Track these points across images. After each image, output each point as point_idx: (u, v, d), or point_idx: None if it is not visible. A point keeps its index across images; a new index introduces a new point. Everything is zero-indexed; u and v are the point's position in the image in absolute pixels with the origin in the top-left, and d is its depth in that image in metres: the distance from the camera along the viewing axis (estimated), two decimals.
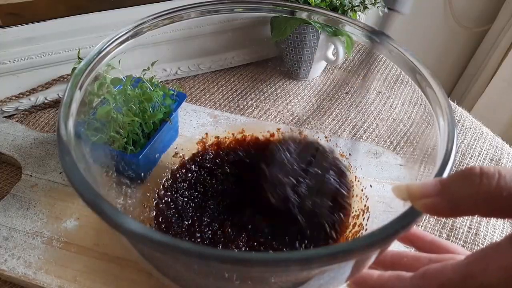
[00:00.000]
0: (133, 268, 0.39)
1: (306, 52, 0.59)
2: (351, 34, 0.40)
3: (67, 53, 0.54)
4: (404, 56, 0.35)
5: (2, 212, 0.43)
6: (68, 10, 0.52)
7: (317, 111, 0.58)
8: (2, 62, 0.51)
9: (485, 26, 1.22)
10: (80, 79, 0.32)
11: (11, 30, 0.50)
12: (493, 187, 0.21)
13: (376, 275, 0.28)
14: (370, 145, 0.51)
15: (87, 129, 0.38)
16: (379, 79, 0.60)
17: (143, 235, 0.22)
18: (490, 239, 0.45)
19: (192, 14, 0.40)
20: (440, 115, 0.31)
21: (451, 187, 0.22)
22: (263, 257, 0.21)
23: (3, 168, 0.49)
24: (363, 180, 0.44)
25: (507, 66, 1.13)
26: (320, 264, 0.22)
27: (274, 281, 0.27)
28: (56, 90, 0.57)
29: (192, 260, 0.22)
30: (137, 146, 0.43)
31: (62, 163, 0.25)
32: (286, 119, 0.57)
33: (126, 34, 0.36)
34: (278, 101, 0.60)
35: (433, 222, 0.47)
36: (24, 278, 0.38)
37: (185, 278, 0.30)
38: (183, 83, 0.62)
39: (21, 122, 0.55)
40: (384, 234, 0.23)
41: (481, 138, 0.57)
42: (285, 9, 0.42)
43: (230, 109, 0.58)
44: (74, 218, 0.43)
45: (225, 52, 0.63)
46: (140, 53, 0.39)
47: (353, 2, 0.56)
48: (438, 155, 0.29)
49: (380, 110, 0.56)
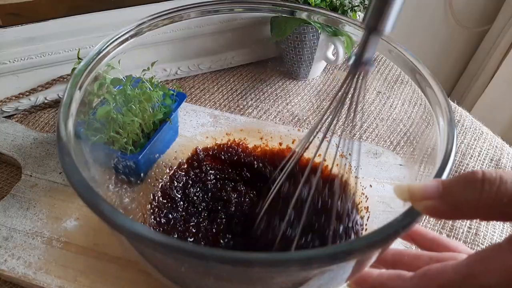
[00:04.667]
0: (133, 268, 0.39)
1: (306, 52, 0.59)
2: (351, 34, 0.40)
3: (67, 53, 0.54)
4: (404, 56, 0.35)
5: (2, 212, 0.43)
6: (68, 10, 0.52)
7: (317, 111, 0.58)
8: (2, 62, 0.51)
9: (485, 26, 1.22)
10: (79, 79, 0.32)
11: (11, 30, 0.50)
12: (494, 192, 0.21)
13: (376, 274, 0.28)
14: (370, 145, 0.51)
15: (87, 129, 0.38)
16: (379, 79, 0.60)
17: (143, 236, 0.22)
18: (490, 239, 0.45)
19: (192, 14, 0.40)
20: (440, 115, 0.31)
21: (453, 190, 0.22)
22: (264, 257, 0.21)
23: (3, 168, 0.49)
24: (363, 180, 0.43)
25: (507, 66, 1.13)
26: (320, 264, 0.22)
27: (274, 282, 0.27)
28: (56, 90, 0.57)
29: (192, 260, 0.22)
30: (137, 146, 0.43)
31: (61, 163, 0.26)
32: (286, 119, 0.57)
33: (126, 34, 0.36)
34: (278, 101, 0.60)
35: (433, 222, 0.47)
36: (24, 278, 0.38)
37: (185, 278, 0.30)
38: (183, 83, 0.62)
39: (21, 122, 0.55)
40: (384, 234, 0.23)
41: (481, 138, 0.57)
42: (285, 9, 0.42)
43: (230, 109, 0.58)
44: (74, 218, 0.43)
45: (225, 52, 0.63)
46: (140, 53, 0.39)
47: (353, 2, 0.56)
48: (438, 155, 0.29)
49: (380, 110, 0.56)
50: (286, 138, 0.49)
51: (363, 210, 0.41)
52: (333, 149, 0.36)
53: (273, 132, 0.50)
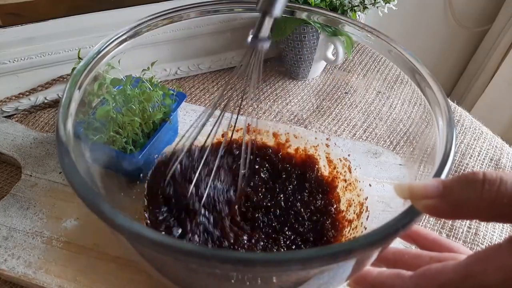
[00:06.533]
0: (133, 268, 0.39)
1: (305, 52, 0.59)
2: (351, 34, 0.40)
3: (67, 53, 0.54)
4: (404, 56, 0.35)
5: (2, 212, 0.43)
6: (68, 10, 0.52)
7: (317, 111, 0.58)
8: (2, 62, 0.51)
9: (485, 26, 1.22)
10: (79, 79, 0.32)
11: (11, 30, 0.50)
12: (494, 193, 0.21)
13: (376, 273, 0.28)
14: (370, 144, 0.51)
15: (86, 129, 0.38)
16: (379, 79, 0.60)
17: (142, 235, 0.22)
18: (489, 239, 0.46)
19: (191, 14, 0.40)
20: (439, 115, 0.31)
21: (453, 190, 0.22)
22: (264, 257, 0.21)
23: (3, 168, 0.49)
24: (362, 179, 0.44)
25: (507, 66, 1.13)
26: (321, 263, 0.22)
27: (275, 281, 0.27)
28: (56, 90, 0.57)
29: (192, 260, 0.22)
30: (137, 146, 0.43)
31: (61, 163, 0.26)
32: (286, 119, 0.57)
33: (125, 34, 0.36)
34: (277, 101, 0.60)
35: (432, 222, 0.47)
36: (24, 278, 0.38)
37: (185, 278, 0.30)
38: (183, 83, 0.62)
39: (21, 122, 0.55)
40: (384, 233, 0.23)
41: (480, 138, 0.57)
42: (285, 9, 0.42)
43: (230, 109, 0.58)
44: (74, 218, 0.43)
45: (225, 52, 0.63)
46: (140, 53, 0.39)
47: (353, 2, 0.56)
48: (437, 155, 0.29)
49: (379, 110, 0.56)
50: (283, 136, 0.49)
51: (363, 210, 0.41)
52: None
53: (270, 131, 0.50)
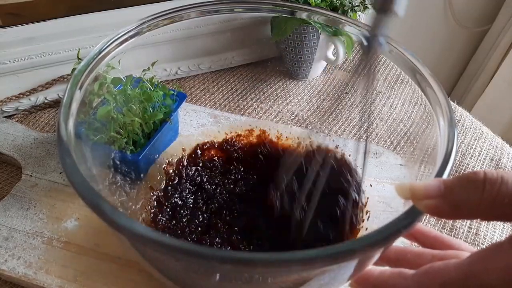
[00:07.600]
0: (133, 268, 0.39)
1: (306, 52, 0.59)
2: (351, 34, 0.40)
3: (67, 53, 0.54)
4: (404, 56, 0.35)
5: (2, 212, 0.43)
6: (68, 10, 0.52)
7: (317, 111, 0.58)
8: (2, 62, 0.51)
9: (485, 26, 1.22)
10: (80, 79, 0.32)
11: (11, 30, 0.50)
12: (495, 193, 0.21)
13: (377, 272, 0.28)
14: (370, 144, 0.51)
15: (87, 129, 0.38)
16: (379, 79, 0.60)
17: (143, 236, 0.22)
18: (490, 238, 0.45)
19: (192, 14, 0.40)
20: (440, 115, 0.31)
21: (454, 190, 0.22)
22: (265, 257, 0.21)
23: (3, 168, 0.49)
24: (363, 180, 0.43)
25: (507, 66, 1.13)
26: (322, 264, 0.22)
27: (275, 281, 0.27)
28: (56, 90, 0.57)
29: (193, 260, 0.22)
30: (137, 146, 0.43)
31: (62, 163, 0.25)
32: (286, 119, 0.57)
33: (126, 34, 0.36)
34: (278, 101, 0.60)
35: (433, 222, 0.47)
36: (25, 278, 0.38)
37: (185, 279, 0.30)
38: (183, 83, 0.62)
39: (21, 122, 0.55)
40: (386, 234, 0.23)
41: (481, 138, 0.57)
42: (285, 9, 0.42)
43: (230, 109, 0.58)
44: (74, 218, 0.43)
45: (225, 52, 0.63)
46: (140, 53, 0.39)
47: (353, 2, 0.56)
48: (438, 155, 0.29)
49: (380, 110, 0.56)
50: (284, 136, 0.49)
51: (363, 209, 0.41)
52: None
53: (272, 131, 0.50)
